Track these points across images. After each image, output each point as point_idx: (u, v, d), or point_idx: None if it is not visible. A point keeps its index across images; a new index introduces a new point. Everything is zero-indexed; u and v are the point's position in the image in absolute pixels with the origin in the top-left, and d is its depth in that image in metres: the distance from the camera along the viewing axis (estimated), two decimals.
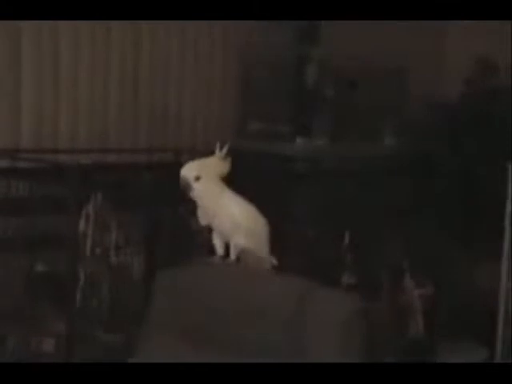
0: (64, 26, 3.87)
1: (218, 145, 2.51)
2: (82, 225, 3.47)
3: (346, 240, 4.05)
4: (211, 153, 2.51)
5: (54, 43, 3.89)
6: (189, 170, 2.46)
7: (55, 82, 3.93)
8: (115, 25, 4.06)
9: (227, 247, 2.58)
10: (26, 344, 3.37)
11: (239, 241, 2.53)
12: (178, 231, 2.83)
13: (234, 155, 3.26)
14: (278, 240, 3.87)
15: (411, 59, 4.80)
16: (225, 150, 2.51)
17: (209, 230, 2.60)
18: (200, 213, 2.57)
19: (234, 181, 2.55)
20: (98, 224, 3.50)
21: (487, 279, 4.20)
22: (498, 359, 3.97)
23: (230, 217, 2.50)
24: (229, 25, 4.39)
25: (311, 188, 4.14)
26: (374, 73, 4.72)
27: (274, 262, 2.59)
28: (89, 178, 3.40)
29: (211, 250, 2.61)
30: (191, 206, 2.63)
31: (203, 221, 2.58)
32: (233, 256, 2.54)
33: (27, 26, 3.75)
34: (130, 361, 2.58)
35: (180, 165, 2.54)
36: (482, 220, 4.35)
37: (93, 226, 3.49)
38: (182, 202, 2.84)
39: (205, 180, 2.44)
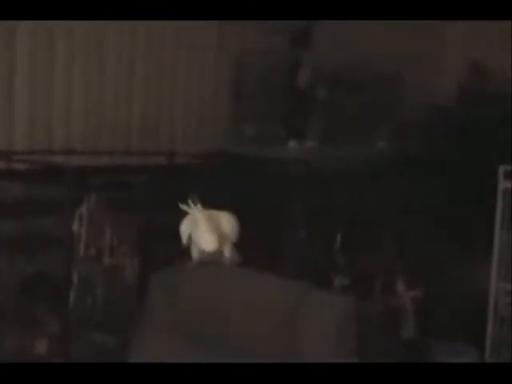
0: (59, 28, 3.88)
1: None
2: (75, 226, 3.49)
3: (338, 242, 4.07)
4: (203, 155, 2.56)
5: (48, 45, 3.90)
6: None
7: (49, 85, 3.94)
8: (110, 27, 4.08)
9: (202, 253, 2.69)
10: (19, 345, 3.38)
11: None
12: (171, 232, 2.85)
13: (227, 158, 3.28)
14: (271, 242, 3.91)
15: (404, 63, 4.82)
16: None
17: None
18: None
19: (227, 183, 2.57)
20: (92, 225, 3.52)
21: (478, 281, 4.23)
22: (487, 360, 4.00)
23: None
24: (223, 28, 4.41)
25: (304, 190, 4.16)
26: (367, 76, 4.75)
27: (238, 257, 2.69)
28: (83, 179, 3.41)
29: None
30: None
31: (195, 253, 2.72)
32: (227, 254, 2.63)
33: (22, 29, 3.77)
34: (124, 361, 2.59)
35: (173, 167, 2.57)
36: (473, 223, 4.37)
37: (86, 228, 3.51)
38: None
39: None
